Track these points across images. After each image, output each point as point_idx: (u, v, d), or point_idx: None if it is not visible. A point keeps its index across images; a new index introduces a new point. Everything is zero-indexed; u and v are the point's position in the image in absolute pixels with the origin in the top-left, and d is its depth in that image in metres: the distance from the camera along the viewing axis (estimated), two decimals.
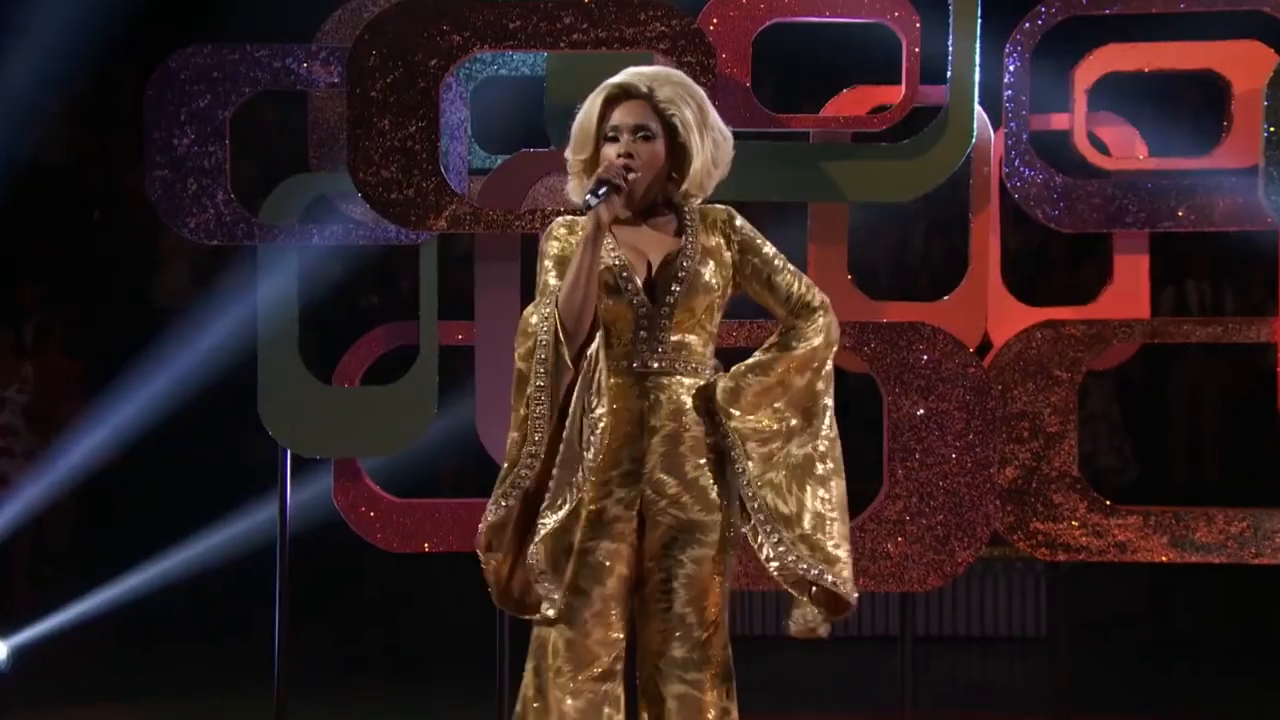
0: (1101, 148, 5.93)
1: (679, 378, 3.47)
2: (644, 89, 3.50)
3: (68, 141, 9.81)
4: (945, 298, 5.88)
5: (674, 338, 3.47)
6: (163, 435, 7.94)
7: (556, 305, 3.39)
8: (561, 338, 3.37)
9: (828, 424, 3.52)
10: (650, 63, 5.50)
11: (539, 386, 3.37)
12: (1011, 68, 5.71)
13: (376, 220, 5.63)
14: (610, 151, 3.49)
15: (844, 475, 3.51)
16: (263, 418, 5.70)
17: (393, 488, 5.95)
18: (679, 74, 3.55)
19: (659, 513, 3.46)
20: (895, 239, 9.17)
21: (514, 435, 3.43)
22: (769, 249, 3.59)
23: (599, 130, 3.49)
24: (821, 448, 3.49)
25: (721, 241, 3.56)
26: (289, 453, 5.73)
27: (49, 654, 7.05)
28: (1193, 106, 8.85)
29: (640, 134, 3.47)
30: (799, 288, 3.57)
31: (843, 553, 3.45)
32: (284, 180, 5.78)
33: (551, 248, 3.51)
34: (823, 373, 3.55)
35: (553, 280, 3.46)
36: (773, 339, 3.57)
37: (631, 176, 3.46)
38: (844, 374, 8.16)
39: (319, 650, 7.44)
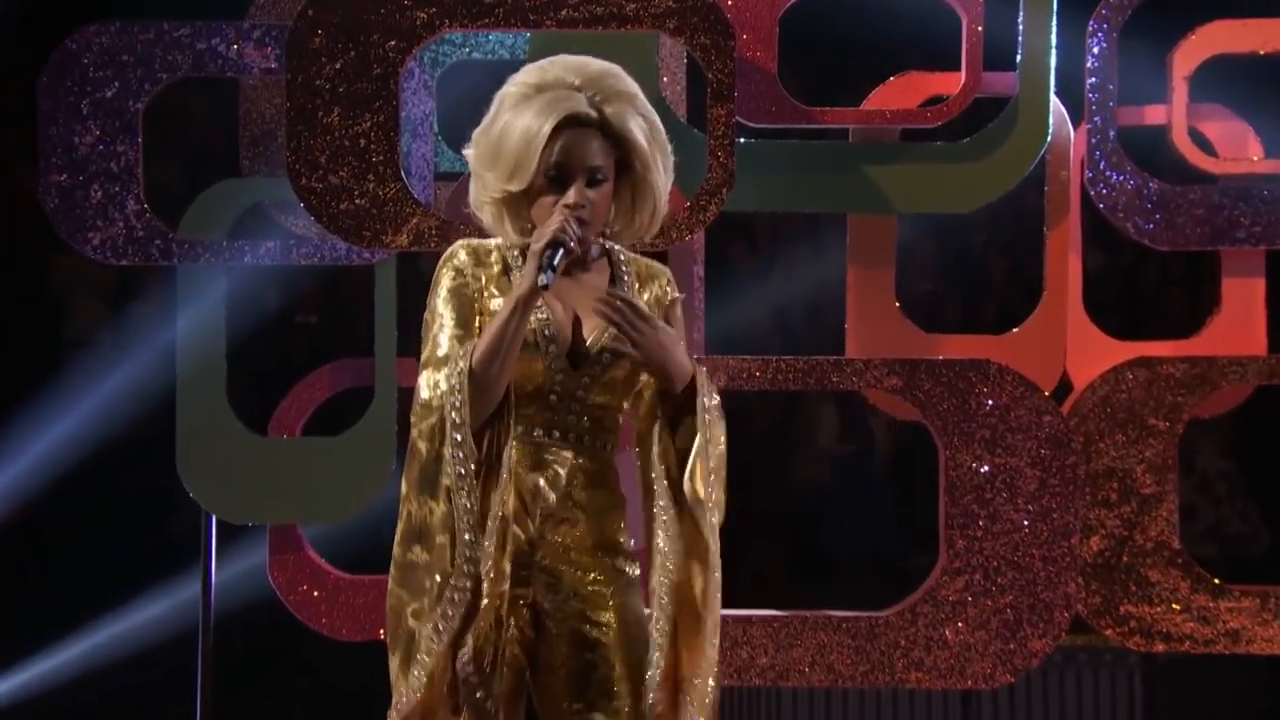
0: (1206, 147, 5.92)
1: (585, 455, 3.52)
2: (593, 113, 3.46)
3: None
4: (1014, 330, 5.88)
5: (588, 408, 3.52)
6: (61, 497, 7.91)
7: (470, 368, 3.38)
8: (470, 411, 3.38)
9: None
10: (654, 46, 5.54)
11: (461, 475, 3.37)
12: (1096, 49, 5.70)
13: (322, 235, 5.64)
14: (549, 200, 3.44)
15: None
16: (182, 476, 5.69)
17: (340, 561, 5.94)
18: (620, 74, 3.51)
19: (555, 610, 3.51)
20: (953, 258, 9.16)
21: (435, 537, 3.38)
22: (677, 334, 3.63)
23: (541, 160, 3.44)
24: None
25: (654, 307, 3.58)
26: (214, 519, 5.73)
27: None
28: None
29: (593, 177, 3.45)
30: None
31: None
32: (210, 186, 5.78)
33: (447, 278, 3.50)
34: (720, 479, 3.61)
35: (449, 325, 3.45)
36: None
37: (583, 232, 3.45)
38: (893, 424, 8.20)
39: None
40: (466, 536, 3.38)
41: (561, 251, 3.40)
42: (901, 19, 6.42)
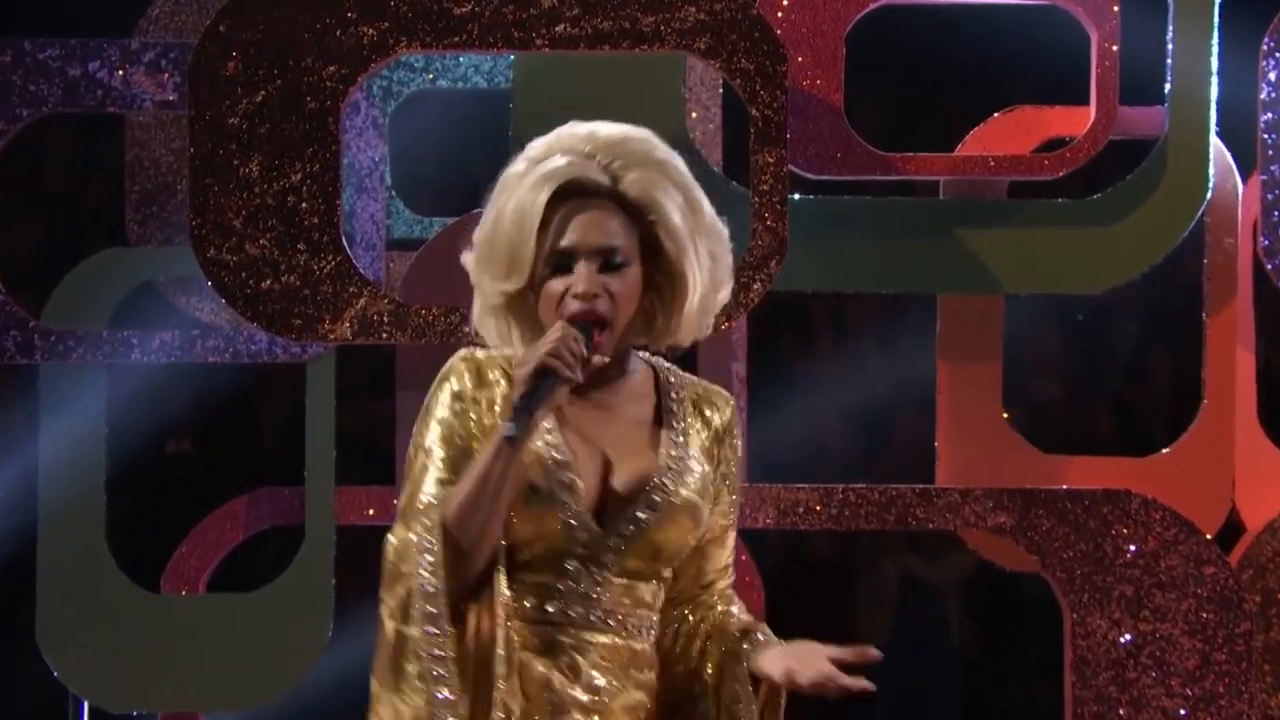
0: None
1: (613, 637, 3.58)
2: (605, 180, 3.51)
3: None
4: (1165, 450, 5.91)
5: (619, 581, 3.57)
6: None
7: (443, 524, 3.45)
8: (446, 576, 3.44)
9: None
10: (680, 72, 5.53)
11: (437, 657, 3.43)
12: (1272, 76, 5.73)
13: (236, 324, 5.64)
14: (558, 288, 3.49)
15: None
16: (43, 648, 5.69)
17: None
18: (650, 139, 3.56)
19: None
20: (1081, 353, 9.15)
21: None
22: (733, 488, 3.70)
23: (539, 244, 3.49)
24: None
25: (711, 448, 3.65)
26: (86, 706, 5.72)
27: None
28: None
29: (609, 260, 3.50)
30: (728, 567, 3.75)
31: None
32: (85, 259, 5.79)
33: (441, 405, 3.54)
34: None
35: (436, 467, 3.51)
36: (737, 621, 3.70)
37: (599, 340, 3.49)
38: (1001, 576, 8.13)
39: None
40: None
41: (548, 384, 3.42)
42: (1010, 35, 6.44)
